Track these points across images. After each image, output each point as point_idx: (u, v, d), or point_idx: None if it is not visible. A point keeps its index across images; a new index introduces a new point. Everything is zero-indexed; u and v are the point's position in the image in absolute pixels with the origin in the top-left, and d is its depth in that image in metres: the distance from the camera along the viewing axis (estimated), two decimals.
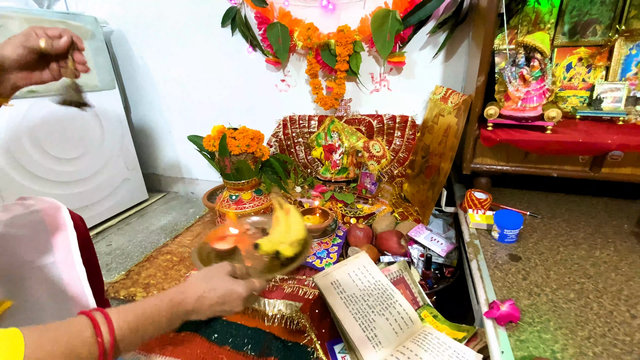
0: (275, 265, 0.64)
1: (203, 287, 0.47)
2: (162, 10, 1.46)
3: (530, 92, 0.78)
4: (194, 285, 0.48)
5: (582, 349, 0.50)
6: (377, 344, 0.62)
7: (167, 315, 0.43)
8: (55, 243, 0.60)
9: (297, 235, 0.63)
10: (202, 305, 0.47)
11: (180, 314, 0.45)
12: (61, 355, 0.32)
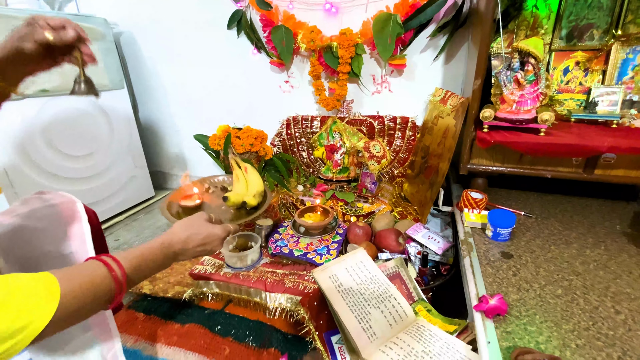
0: (242, 214, 0.75)
1: (187, 232, 0.58)
2: (170, 12, 1.50)
3: (525, 95, 0.80)
4: (179, 231, 0.58)
5: (566, 341, 0.53)
6: (372, 335, 0.65)
7: (160, 256, 0.53)
8: (71, 234, 0.64)
9: (257, 188, 0.73)
10: (188, 246, 0.57)
11: (170, 255, 0.55)
12: (87, 288, 0.41)
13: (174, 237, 0.57)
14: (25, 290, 0.35)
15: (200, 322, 0.97)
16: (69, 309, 0.38)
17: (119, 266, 0.45)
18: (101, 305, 0.44)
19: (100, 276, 0.43)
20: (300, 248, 1.04)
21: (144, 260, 0.50)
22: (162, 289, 1.06)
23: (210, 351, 0.88)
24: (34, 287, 0.36)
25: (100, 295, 0.42)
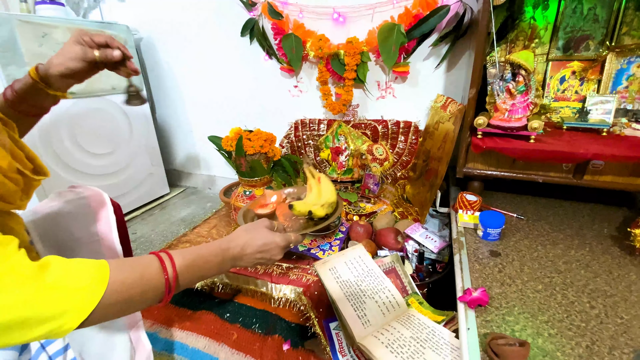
0: (309, 224, 0.73)
1: (246, 238, 0.56)
2: (187, 19, 1.59)
3: (516, 104, 0.85)
4: (238, 236, 0.56)
5: (539, 330, 0.58)
6: (366, 322, 0.72)
7: (217, 259, 0.51)
8: (99, 223, 0.72)
9: (328, 199, 0.71)
10: (246, 252, 0.55)
11: (227, 259, 0.53)
12: (137, 280, 0.42)
13: (232, 241, 0.55)
14: (66, 276, 0.37)
15: (211, 310, 1.05)
16: (114, 300, 0.39)
17: (172, 265, 0.46)
18: (149, 300, 0.44)
19: (152, 272, 0.44)
20: (304, 244, 1.11)
21: (199, 262, 0.49)
22: None
23: (219, 336, 0.96)
24: (79, 272, 0.38)
25: (149, 290, 0.43)
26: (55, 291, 0.36)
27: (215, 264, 0.52)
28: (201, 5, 1.53)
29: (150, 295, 0.44)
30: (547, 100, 1.11)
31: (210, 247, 0.52)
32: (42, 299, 0.35)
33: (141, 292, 0.42)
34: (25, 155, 0.53)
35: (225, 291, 1.10)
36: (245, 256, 0.55)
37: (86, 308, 0.37)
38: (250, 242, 0.56)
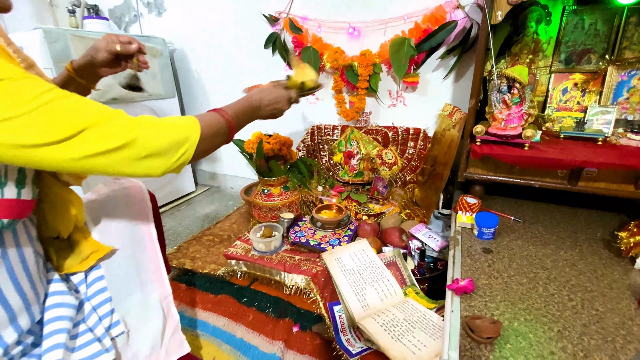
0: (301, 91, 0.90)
1: (262, 94, 0.74)
2: (215, 33, 1.75)
3: (511, 114, 0.92)
4: (254, 93, 0.74)
5: (516, 316, 0.66)
6: (366, 306, 0.81)
7: (248, 109, 0.70)
8: (138, 211, 0.85)
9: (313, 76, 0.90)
10: (264, 102, 0.74)
11: (254, 108, 0.72)
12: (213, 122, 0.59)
13: (254, 95, 0.74)
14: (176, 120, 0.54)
15: (230, 294, 1.17)
16: (207, 133, 0.56)
17: (225, 112, 0.63)
18: (224, 135, 0.62)
19: (217, 117, 0.61)
20: (316, 239, 1.21)
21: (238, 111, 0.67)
22: (200, 266, 1.27)
23: (237, 317, 1.07)
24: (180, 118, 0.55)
25: (221, 129, 0.61)
26: (177, 126, 0.53)
27: (247, 112, 0.71)
28: (229, 20, 1.69)
29: (223, 131, 0.62)
30: (549, 110, 1.17)
31: (242, 102, 0.70)
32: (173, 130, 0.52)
33: (217, 129, 0.60)
34: None
35: (243, 279, 1.22)
36: (263, 106, 0.74)
37: (197, 132, 0.54)
38: (265, 96, 0.75)
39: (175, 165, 0.53)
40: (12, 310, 0.55)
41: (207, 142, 0.58)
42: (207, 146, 0.58)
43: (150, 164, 0.51)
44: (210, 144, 0.59)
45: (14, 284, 0.55)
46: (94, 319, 0.68)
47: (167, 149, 0.51)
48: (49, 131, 0.42)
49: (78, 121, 0.44)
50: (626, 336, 0.60)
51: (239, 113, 0.68)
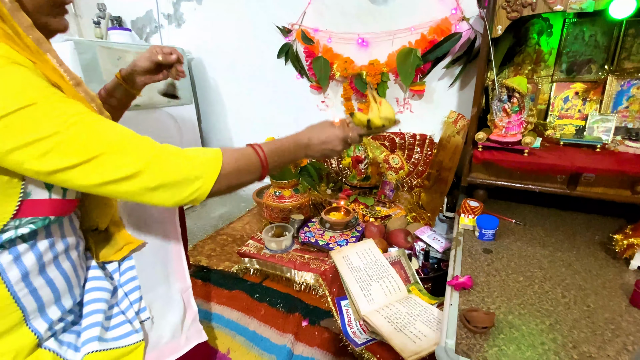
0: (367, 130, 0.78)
1: (313, 132, 0.69)
2: (231, 42, 1.85)
3: (511, 122, 0.97)
4: (306, 131, 0.70)
5: (511, 310, 0.70)
6: (371, 300, 0.86)
7: (291, 148, 0.66)
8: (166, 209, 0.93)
9: (386, 114, 0.77)
10: (313, 142, 0.68)
11: (300, 147, 0.67)
12: (241, 157, 0.57)
13: (302, 134, 0.68)
14: (198, 152, 0.54)
15: (243, 290, 1.23)
16: (230, 170, 0.54)
17: (262, 150, 0.60)
18: (252, 176, 0.59)
19: (250, 153, 0.59)
20: (324, 239, 1.28)
21: (281, 151, 0.64)
22: (215, 263, 1.35)
23: (249, 311, 1.14)
24: (204, 151, 0.54)
25: (252, 167, 0.58)
26: (194, 160, 0.53)
27: (291, 151, 0.66)
28: (244, 32, 1.78)
29: (253, 169, 0.59)
30: (551, 117, 1.21)
31: (287, 139, 0.67)
32: (187, 164, 0.52)
33: (246, 164, 0.58)
34: None
35: (255, 276, 1.29)
36: (312, 145, 0.68)
37: (215, 171, 0.53)
38: (316, 134, 0.69)
39: (187, 200, 0.53)
40: (57, 291, 0.63)
41: (231, 179, 0.56)
42: (231, 183, 0.56)
43: (161, 195, 0.51)
44: (237, 181, 0.57)
45: (58, 269, 0.63)
46: (126, 303, 0.76)
47: (176, 182, 0.51)
48: (66, 155, 0.45)
49: (93, 147, 0.46)
50: (615, 330, 0.65)
51: (279, 151, 0.64)
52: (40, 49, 0.50)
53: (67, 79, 0.55)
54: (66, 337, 0.65)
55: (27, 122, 0.42)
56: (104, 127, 0.48)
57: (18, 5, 0.48)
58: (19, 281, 0.55)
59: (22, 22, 0.48)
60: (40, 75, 0.46)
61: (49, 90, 0.45)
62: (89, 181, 0.47)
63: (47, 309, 0.61)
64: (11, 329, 0.56)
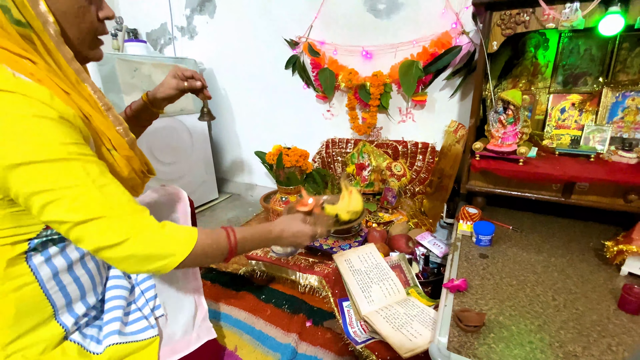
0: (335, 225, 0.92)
1: (284, 225, 0.76)
2: (241, 54, 1.93)
3: (507, 133, 1.02)
4: (279, 223, 0.77)
5: (503, 311, 0.74)
6: (371, 301, 0.91)
7: (262, 237, 0.72)
8: (179, 211, 1.00)
9: (354, 207, 0.89)
10: (283, 235, 0.75)
11: (270, 238, 0.74)
12: (212, 243, 0.61)
13: (275, 227, 0.75)
14: (175, 233, 0.57)
15: (250, 292, 1.29)
16: (198, 253, 0.58)
17: (234, 237, 0.65)
18: (218, 258, 0.64)
19: (221, 240, 0.63)
20: (328, 244, 1.33)
21: (251, 238, 0.69)
22: (224, 266, 1.40)
23: (256, 311, 1.19)
24: (181, 232, 0.58)
25: (219, 251, 0.63)
26: (170, 239, 0.56)
27: (262, 240, 0.73)
28: (253, 44, 1.86)
29: (218, 254, 0.64)
30: (549, 127, 1.25)
31: (259, 228, 0.73)
32: (163, 242, 0.56)
33: (214, 250, 0.63)
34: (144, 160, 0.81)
35: (262, 278, 1.34)
36: (282, 238, 0.76)
37: (185, 253, 0.57)
38: (287, 228, 0.77)
39: (149, 271, 0.57)
40: (83, 288, 0.69)
41: (197, 261, 0.60)
42: (196, 263, 0.61)
43: (130, 263, 0.54)
44: (203, 262, 0.62)
45: (84, 268, 0.69)
46: (142, 300, 0.82)
47: (150, 255, 0.55)
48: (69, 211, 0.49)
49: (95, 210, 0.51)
50: (601, 332, 0.68)
51: (252, 239, 0.70)
52: (79, 79, 0.57)
53: (99, 105, 0.61)
54: (89, 330, 0.71)
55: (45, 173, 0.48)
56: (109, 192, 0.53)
57: (63, 39, 0.54)
58: (50, 279, 0.62)
59: (65, 54, 0.55)
60: (70, 127, 0.51)
61: (72, 148, 0.50)
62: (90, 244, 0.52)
63: (73, 304, 0.68)
64: (43, 322, 0.62)
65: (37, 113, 0.47)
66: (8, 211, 0.53)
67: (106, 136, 0.60)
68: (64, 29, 0.55)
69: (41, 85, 0.49)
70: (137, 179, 0.74)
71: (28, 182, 0.48)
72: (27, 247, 0.58)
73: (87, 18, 0.58)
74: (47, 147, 0.47)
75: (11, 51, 0.50)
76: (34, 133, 0.47)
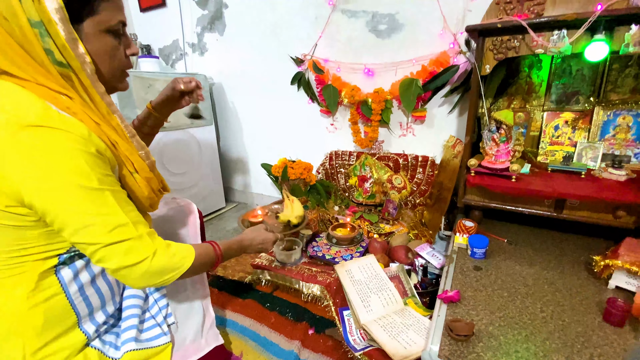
0: (286, 228, 1.13)
1: (252, 235, 0.93)
2: (249, 70, 2.02)
3: (500, 150, 1.07)
4: (247, 233, 0.93)
5: (493, 321, 0.79)
6: (370, 311, 0.96)
7: (237, 247, 0.88)
8: (189, 224, 1.06)
9: (298, 212, 1.09)
10: (252, 243, 0.92)
11: (242, 247, 0.89)
12: (205, 255, 0.73)
13: (245, 237, 0.92)
14: (178, 251, 0.67)
15: (255, 299, 1.34)
16: (196, 264, 0.69)
17: (219, 249, 0.79)
18: (209, 266, 0.76)
19: (210, 252, 0.76)
20: (331, 254, 1.38)
21: (229, 248, 0.84)
22: (230, 274, 1.47)
23: (261, 318, 1.24)
24: (183, 249, 0.68)
25: (210, 261, 0.75)
26: (175, 256, 0.66)
27: (237, 249, 0.88)
28: (261, 61, 1.95)
29: (210, 264, 0.76)
30: (543, 144, 1.30)
31: (234, 240, 0.88)
32: (171, 259, 0.65)
33: (206, 261, 0.74)
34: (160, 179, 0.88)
35: (267, 286, 1.40)
36: (252, 247, 0.93)
37: (187, 266, 0.67)
38: (254, 238, 0.94)
39: (156, 285, 0.65)
40: (103, 298, 0.76)
41: (194, 270, 0.71)
42: (193, 273, 0.71)
43: (143, 278, 0.62)
44: (197, 271, 0.73)
45: (105, 280, 0.75)
46: (156, 309, 0.88)
47: (159, 271, 0.63)
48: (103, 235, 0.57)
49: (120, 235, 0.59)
50: (584, 342, 0.72)
51: (230, 250, 0.85)
52: (110, 110, 0.64)
53: (125, 134, 0.68)
54: (108, 337, 0.77)
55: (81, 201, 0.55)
56: (132, 218, 0.62)
57: (97, 76, 0.62)
58: (75, 291, 0.68)
59: (98, 89, 0.62)
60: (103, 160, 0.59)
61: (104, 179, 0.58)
62: (114, 264, 0.59)
63: (95, 313, 0.74)
64: (67, 330, 0.68)
65: (77, 147, 0.54)
66: (43, 230, 0.60)
67: (130, 161, 0.67)
68: (98, 67, 0.62)
69: (79, 120, 0.57)
70: (155, 197, 0.81)
71: (65, 208, 0.55)
72: (57, 261, 0.65)
73: (118, 56, 0.65)
74: (84, 177, 0.55)
75: (51, 89, 0.57)
76: (73, 165, 0.54)
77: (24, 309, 0.61)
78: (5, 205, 0.55)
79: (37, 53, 0.55)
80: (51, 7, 0.53)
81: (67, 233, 0.57)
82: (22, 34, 0.54)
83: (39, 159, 0.52)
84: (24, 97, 0.54)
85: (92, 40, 0.60)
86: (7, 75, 0.56)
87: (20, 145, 0.52)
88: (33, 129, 0.52)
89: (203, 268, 0.75)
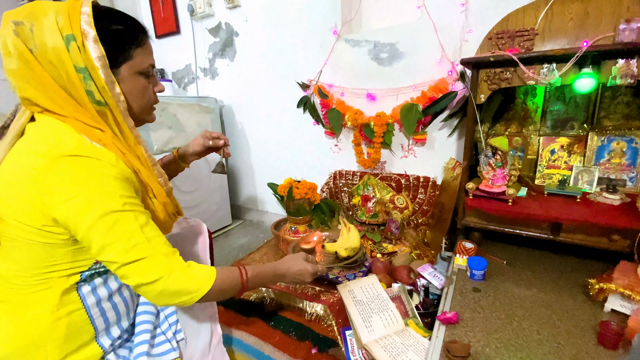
0: (335, 260, 1.03)
1: (289, 264, 0.86)
2: (258, 94, 2.12)
3: (496, 175, 1.12)
4: (284, 262, 0.87)
5: (489, 343, 0.82)
6: (371, 331, 0.99)
7: (270, 275, 0.83)
8: (200, 243, 1.11)
9: (352, 245, 0.99)
10: (288, 273, 0.85)
11: (277, 276, 0.84)
12: (227, 280, 0.71)
13: (281, 265, 0.85)
14: (198, 272, 0.67)
15: (260, 318, 1.37)
16: (216, 289, 0.67)
17: (246, 274, 0.75)
18: (232, 293, 0.73)
19: (235, 277, 0.73)
20: (334, 273, 1.41)
21: (260, 275, 0.79)
22: None
23: (265, 337, 1.27)
24: (203, 271, 0.68)
25: (234, 288, 0.72)
26: (194, 277, 0.67)
27: (269, 278, 0.84)
28: (269, 85, 2.05)
29: (233, 290, 0.74)
30: (540, 167, 1.34)
31: (267, 267, 0.84)
32: (189, 280, 0.66)
33: (229, 286, 0.72)
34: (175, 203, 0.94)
35: (271, 305, 1.43)
36: (287, 275, 0.86)
37: (205, 289, 0.67)
38: (292, 267, 0.87)
39: (174, 304, 0.67)
40: (119, 313, 0.81)
41: (215, 295, 0.69)
42: (215, 297, 0.70)
43: (162, 297, 0.64)
44: (220, 297, 0.73)
45: (121, 296, 0.81)
46: (166, 325, 0.93)
47: (177, 292, 0.65)
48: (123, 254, 0.61)
49: (139, 254, 0.62)
50: None
51: (260, 276, 0.80)
52: (137, 142, 0.71)
53: (148, 162, 0.75)
54: (122, 351, 0.81)
55: (107, 221, 0.60)
56: (151, 237, 0.65)
57: (128, 112, 0.69)
58: (94, 306, 0.73)
59: (129, 123, 0.70)
60: (128, 183, 0.65)
61: (128, 200, 0.63)
62: (130, 279, 0.64)
63: (111, 328, 0.79)
64: (85, 343, 0.73)
65: (106, 172, 0.61)
66: (70, 249, 0.66)
67: (150, 187, 0.74)
68: (129, 104, 0.70)
69: (108, 149, 0.64)
70: (170, 221, 0.87)
71: (90, 227, 0.61)
72: (79, 278, 0.70)
73: (147, 94, 0.73)
74: (111, 199, 0.61)
75: (86, 123, 0.65)
76: (102, 188, 0.61)
77: (48, 322, 0.67)
78: (42, 224, 0.62)
79: (79, 94, 0.63)
80: (94, 55, 0.62)
81: (94, 251, 0.62)
82: (67, 78, 0.62)
83: (73, 182, 0.60)
84: (64, 131, 0.63)
85: (126, 81, 0.68)
86: (48, 112, 0.63)
87: (58, 171, 0.59)
88: (70, 157, 0.60)
89: (225, 294, 0.73)
